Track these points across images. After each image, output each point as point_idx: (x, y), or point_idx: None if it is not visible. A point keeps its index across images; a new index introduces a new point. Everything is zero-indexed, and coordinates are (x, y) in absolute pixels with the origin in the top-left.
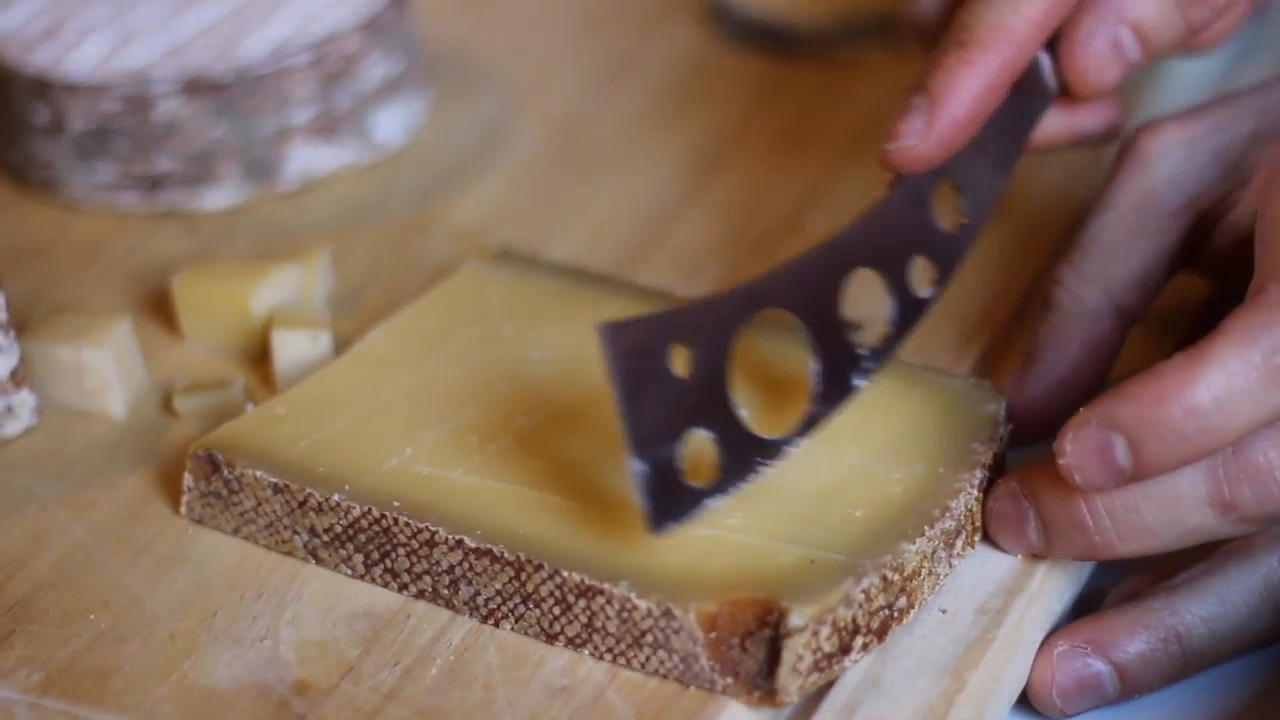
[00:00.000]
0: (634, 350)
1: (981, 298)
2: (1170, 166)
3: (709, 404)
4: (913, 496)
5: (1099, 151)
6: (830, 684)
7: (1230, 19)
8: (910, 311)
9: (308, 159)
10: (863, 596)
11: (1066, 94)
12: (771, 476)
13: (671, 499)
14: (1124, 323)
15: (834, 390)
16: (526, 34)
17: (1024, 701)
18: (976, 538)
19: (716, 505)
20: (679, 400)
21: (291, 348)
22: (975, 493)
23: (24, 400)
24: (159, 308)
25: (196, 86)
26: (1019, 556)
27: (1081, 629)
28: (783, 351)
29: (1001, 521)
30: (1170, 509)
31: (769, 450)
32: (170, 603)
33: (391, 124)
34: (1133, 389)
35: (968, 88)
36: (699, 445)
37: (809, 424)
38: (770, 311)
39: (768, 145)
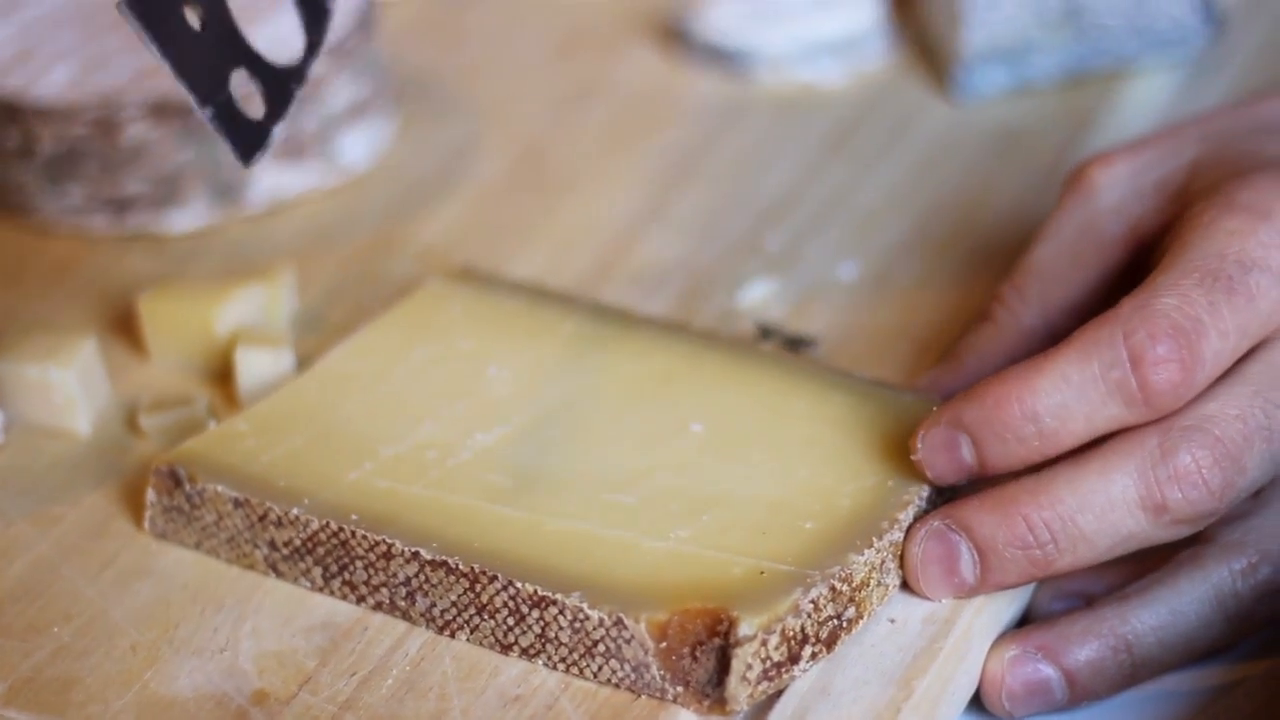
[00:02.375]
0: (158, 16)
1: (934, 315)
2: (1114, 196)
3: (234, 48)
4: (862, 509)
5: (1052, 177)
6: (780, 692)
7: None
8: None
9: (274, 181)
10: (811, 606)
11: None
12: (723, 489)
13: (244, 133)
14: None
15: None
16: (491, 58)
17: (977, 705)
18: None
19: (279, 131)
20: (210, 50)
21: (254, 366)
22: (924, 505)
23: None
24: (126, 327)
25: (164, 110)
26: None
27: (1033, 634)
28: None
29: (928, 564)
30: (1105, 515)
31: (296, 75)
32: (132, 616)
33: (357, 147)
34: (979, 390)
35: None
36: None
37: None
38: None
39: (728, 165)
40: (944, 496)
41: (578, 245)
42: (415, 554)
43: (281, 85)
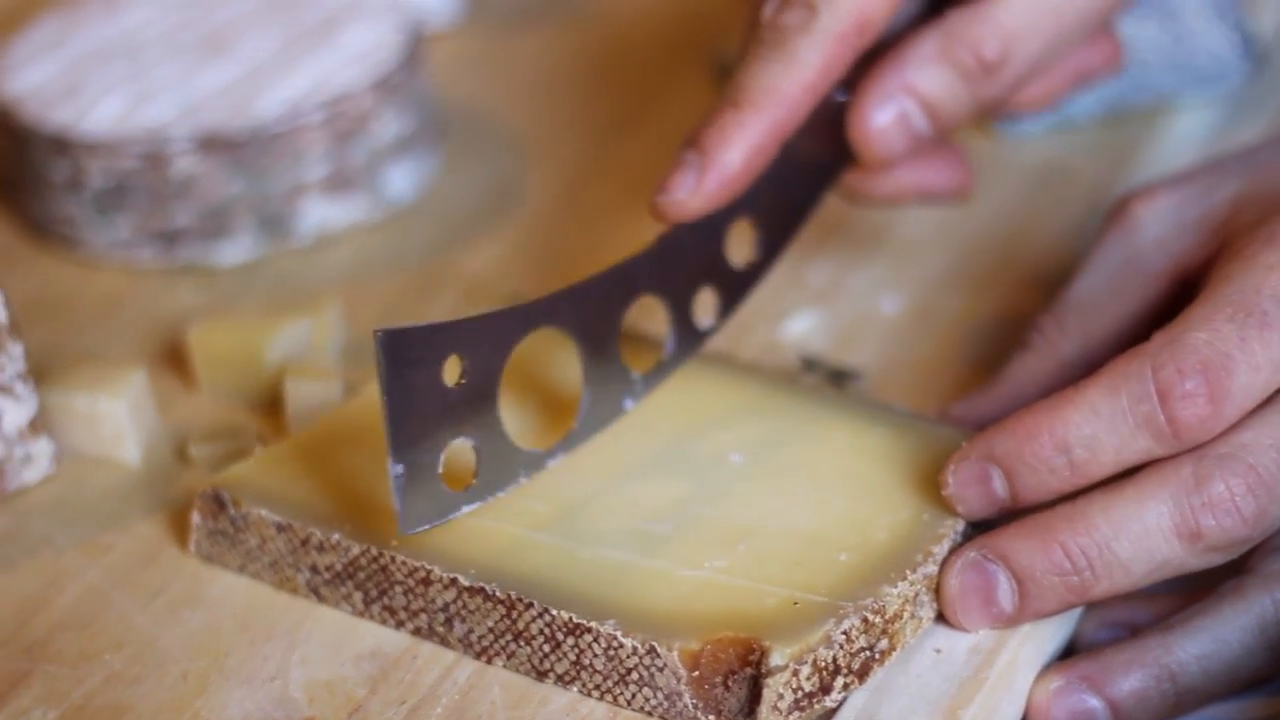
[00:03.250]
0: (408, 359)
1: (977, 349)
2: (1156, 230)
3: (475, 414)
4: (897, 541)
5: (1093, 212)
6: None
7: (1048, 87)
8: (688, 342)
9: (321, 215)
10: (844, 638)
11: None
12: (760, 520)
13: (426, 501)
14: None
15: (602, 411)
16: (536, 92)
17: None
18: None
19: (471, 510)
20: (446, 409)
21: (304, 396)
22: (959, 539)
23: (43, 448)
24: (174, 359)
25: (212, 144)
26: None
27: (1077, 665)
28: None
29: (966, 595)
30: (1140, 542)
31: (529, 462)
32: (182, 643)
33: (403, 180)
34: (1010, 423)
35: (739, 147)
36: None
37: (570, 441)
38: (548, 329)
39: None
40: (978, 531)
41: None
42: (453, 580)
43: (505, 466)
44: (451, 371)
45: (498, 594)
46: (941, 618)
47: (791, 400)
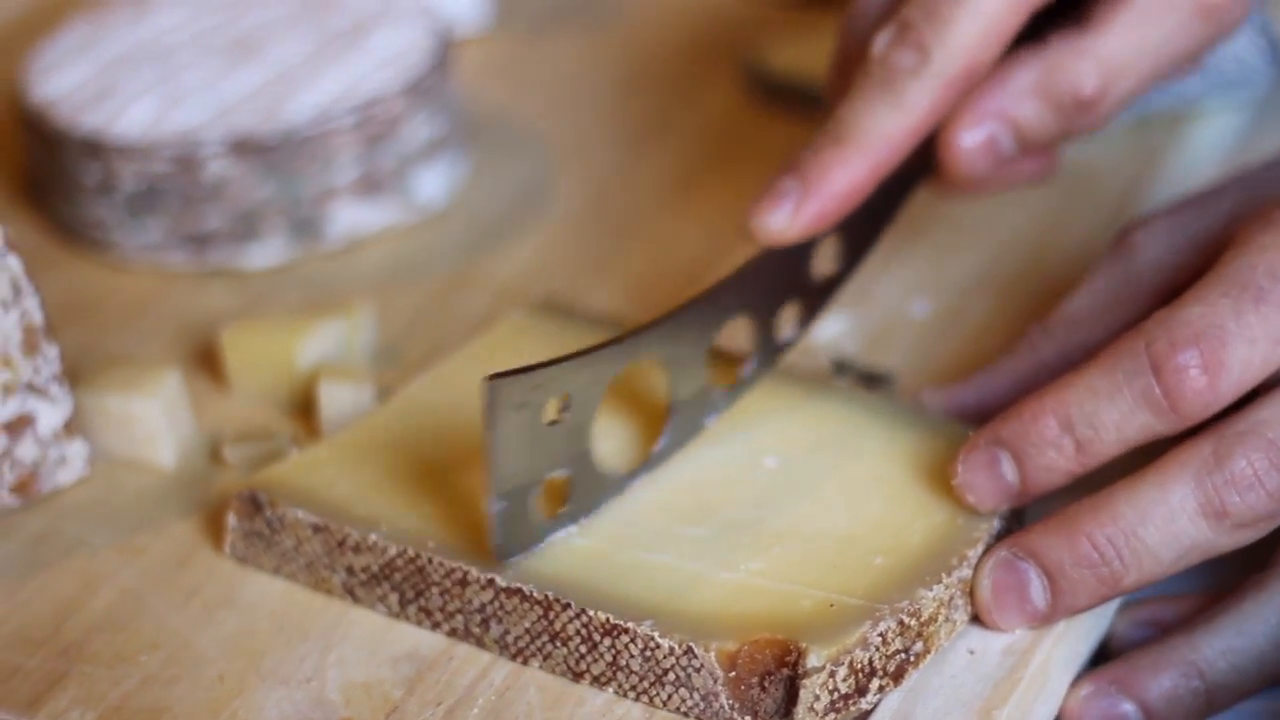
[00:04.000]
0: (512, 403)
1: (1003, 351)
2: (1153, 251)
3: (571, 447)
4: (932, 545)
5: (1118, 216)
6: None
7: (1113, 105)
8: (770, 356)
9: (351, 218)
10: (879, 640)
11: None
12: (795, 523)
13: (521, 532)
14: None
15: (685, 429)
16: (565, 97)
17: None
18: None
19: (561, 535)
20: (545, 446)
21: (336, 399)
22: (993, 541)
23: (77, 450)
24: (206, 361)
25: (244, 147)
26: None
27: (1107, 671)
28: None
29: (1000, 594)
30: (1167, 527)
31: (616, 486)
32: (218, 645)
33: (433, 184)
34: (1015, 408)
35: (840, 182)
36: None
37: (653, 461)
38: (645, 358)
39: None
40: (1011, 532)
41: (651, 282)
42: (490, 581)
43: (592, 492)
44: (552, 409)
45: (535, 595)
46: (976, 619)
47: (824, 404)
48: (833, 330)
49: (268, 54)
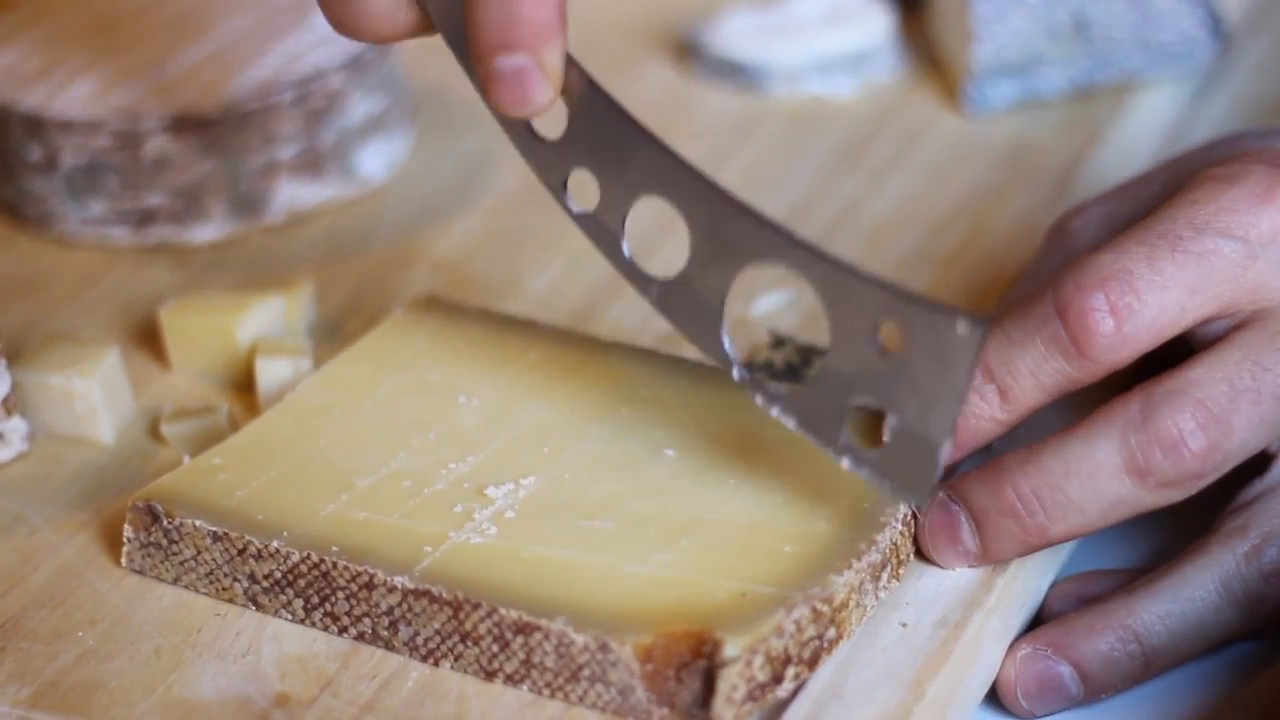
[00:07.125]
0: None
1: None
2: (1088, 236)
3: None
4: (839, 530)
5: (1060, 189)
6: (793, 696)
7: None
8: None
9: (293, 194)
10: (794, 627)
11: None
12: (700, 513)
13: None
14: None
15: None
16: None
17: (1003, 708)
18: (902, 570)
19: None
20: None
21: (275, 375)
22: (900, 527)
23: (16, 427)
24: (148, 338)
25: (185, 124)
26: (958, 569)
27: (1044, 633)
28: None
29: (935, 533)
30: (1091, 481)
31: None
32: (155, 620)
33: (375, 160)
34: None
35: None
36: None
37: None
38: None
39: (740, 178)
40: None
41: (592, 256)
42: (397, 584)
43: None
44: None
45: (444, 595)
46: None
47: (720, 392)
48: (771, 304)
49: (209, 30)
